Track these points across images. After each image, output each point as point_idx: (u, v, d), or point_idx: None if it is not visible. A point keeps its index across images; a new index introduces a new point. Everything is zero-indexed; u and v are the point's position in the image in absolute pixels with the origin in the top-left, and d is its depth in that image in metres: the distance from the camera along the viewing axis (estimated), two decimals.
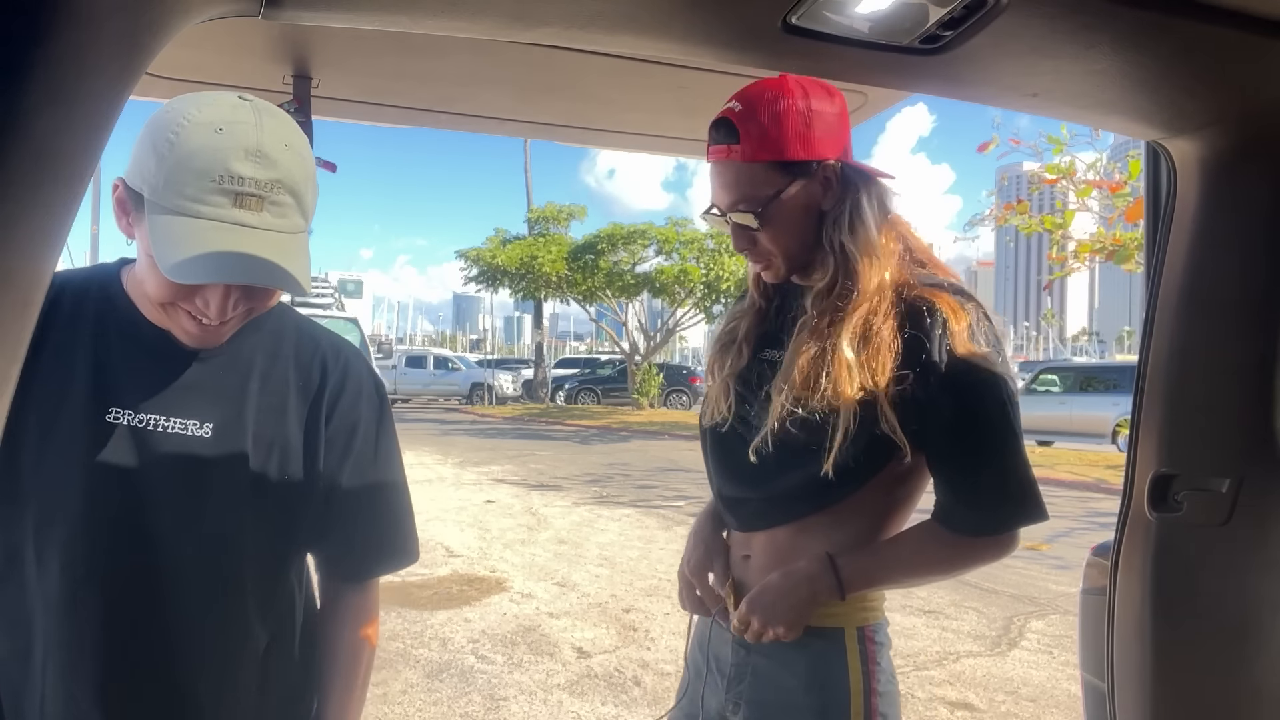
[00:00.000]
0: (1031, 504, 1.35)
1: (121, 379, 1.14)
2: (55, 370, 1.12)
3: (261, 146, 1.01)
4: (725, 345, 1.53)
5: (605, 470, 12.66)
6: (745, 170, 1.35)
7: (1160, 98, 1.13)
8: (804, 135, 1.33)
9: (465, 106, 1.75)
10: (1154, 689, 1.32)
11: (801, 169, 1.36)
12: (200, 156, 0.99)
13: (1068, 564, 7.14)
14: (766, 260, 1.42)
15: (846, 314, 1.32)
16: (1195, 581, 1.30)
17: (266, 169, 1.02)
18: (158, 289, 1.07)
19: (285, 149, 1.03)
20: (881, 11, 0.95)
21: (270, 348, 1.24)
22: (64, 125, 0.63)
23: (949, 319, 1.30)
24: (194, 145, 0.99)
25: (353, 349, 1.34)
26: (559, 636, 5.08)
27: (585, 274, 26.31)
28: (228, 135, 1.00)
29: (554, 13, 0.91)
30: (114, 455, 1.11)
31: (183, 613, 1.14)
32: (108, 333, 1.15)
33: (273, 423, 1.20)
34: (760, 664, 1.43)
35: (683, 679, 1.61)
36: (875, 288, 1.33)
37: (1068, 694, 4.35)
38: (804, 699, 1.39)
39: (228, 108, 1.03)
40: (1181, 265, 1.28)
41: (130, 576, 1.12)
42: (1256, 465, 1.25)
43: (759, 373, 1.44)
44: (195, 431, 1.14)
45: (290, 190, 1.04)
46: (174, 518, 1.12)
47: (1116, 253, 8.50)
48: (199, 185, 0.99)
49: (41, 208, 0.63)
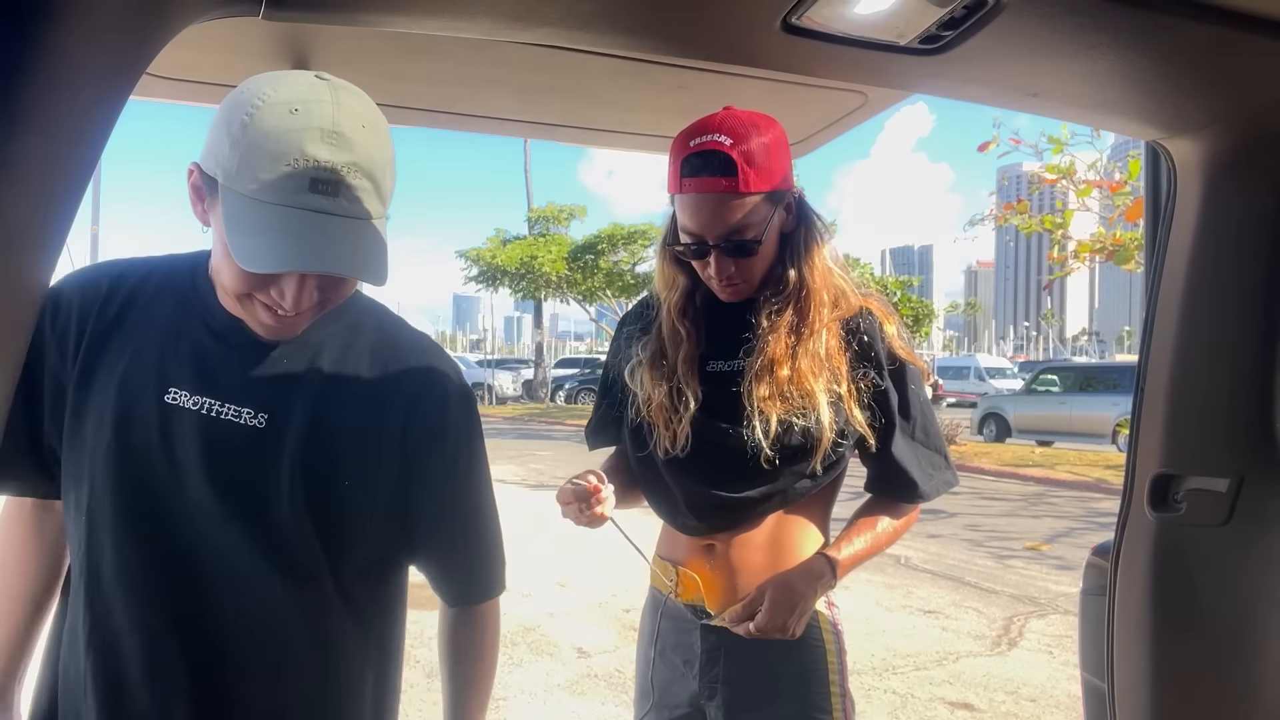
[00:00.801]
0: (952, 470, 1.60)
1: (186, 362, 1.11)
2: (123, 353, 1.11)
3: (338, 127, 0.96)
4: (658, 375, 1.53)
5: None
6: (745, 201, 1.41)
7: (1160, 98, 1.13)
8: (783, 166, 1.45)
9: (465, 106, 1.74)
10: (1154, 689, 1.32)
11: (780, 197, 1.47)
12: (274, 139, 0.94)
13: (1068, 564, 7.15)
14: (742, 283, 1.49)
15: (808, 325, 1.47)
16: (1195, 581, 1.30)
17: (343, 151, 0.96)
18: (233, 279, 1.03)
19: (363, 129, 0.98)
20: (881, 11, 0.95)
21: (344, 340, 1.17)
22: (65, 125, 0.63)
23: (883, 321, 1.53)
24: (268, 127, 0.95)
25: (438, 349, 1.24)
26: (559, 636, 5.09)
27: (585, 274, 26.33)
28: (303, 116, 0.95)
29: (554, 13, 0.91)
30: (164, 436, 1.08)
31: (222, 605, 1.09)
32: (183, 317, 1.13)
33: (333, 420, 1.12)
34: (733, 644, 1.49)
35: (640, 676, 1.65)
36: (826, 300, 1.50)
37: (1068, 694, 4.35)
38: (784, 666, 1.48)
39: (304, 86, 0.98)
40: (1181, 265, 1.28)
41: (170, 562, 1.08)
42: (1256, 465, 1.25)
43: (719, 388, 1.50)
44: (249, 420, 1.09)
45: (367, 173, 0.98)
46: (218, 505, 1.08)
47: (1116, 253, 8.51)
48: (273, 169, 0.94)
49: (42, 208, 0.63)
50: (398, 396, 1.16)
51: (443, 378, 1.21)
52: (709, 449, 1.48)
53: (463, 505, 1.25)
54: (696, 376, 1.51)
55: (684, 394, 1.50)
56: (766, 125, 1.43)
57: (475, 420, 1.25)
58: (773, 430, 1.42)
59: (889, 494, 1.56)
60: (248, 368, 1.12)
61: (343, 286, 1.07)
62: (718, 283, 1.49)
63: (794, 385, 1.43)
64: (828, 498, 1.58)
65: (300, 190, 0.94)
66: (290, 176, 0.94)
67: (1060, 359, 68.66)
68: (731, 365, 1.51)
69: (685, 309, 1.56)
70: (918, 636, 5.24)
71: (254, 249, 0.95)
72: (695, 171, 1.40)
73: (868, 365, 1.49)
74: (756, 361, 1.46)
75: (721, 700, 1.49)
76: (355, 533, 1.15)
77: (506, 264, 26.67)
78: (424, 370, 1.20)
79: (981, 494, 11.07)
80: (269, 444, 1.09)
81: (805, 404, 1.43)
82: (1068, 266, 9.91)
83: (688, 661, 1.55)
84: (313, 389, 1.12)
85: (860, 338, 1.50)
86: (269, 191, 0.95)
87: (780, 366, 1.44)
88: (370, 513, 1.15)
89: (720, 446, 1.47)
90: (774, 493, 1.49)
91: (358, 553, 1.16)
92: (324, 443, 1.11)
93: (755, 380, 1.45)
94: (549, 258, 26.26)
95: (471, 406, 1.25)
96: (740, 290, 1.50)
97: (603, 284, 26.56)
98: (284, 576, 1.10)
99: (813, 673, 1.48)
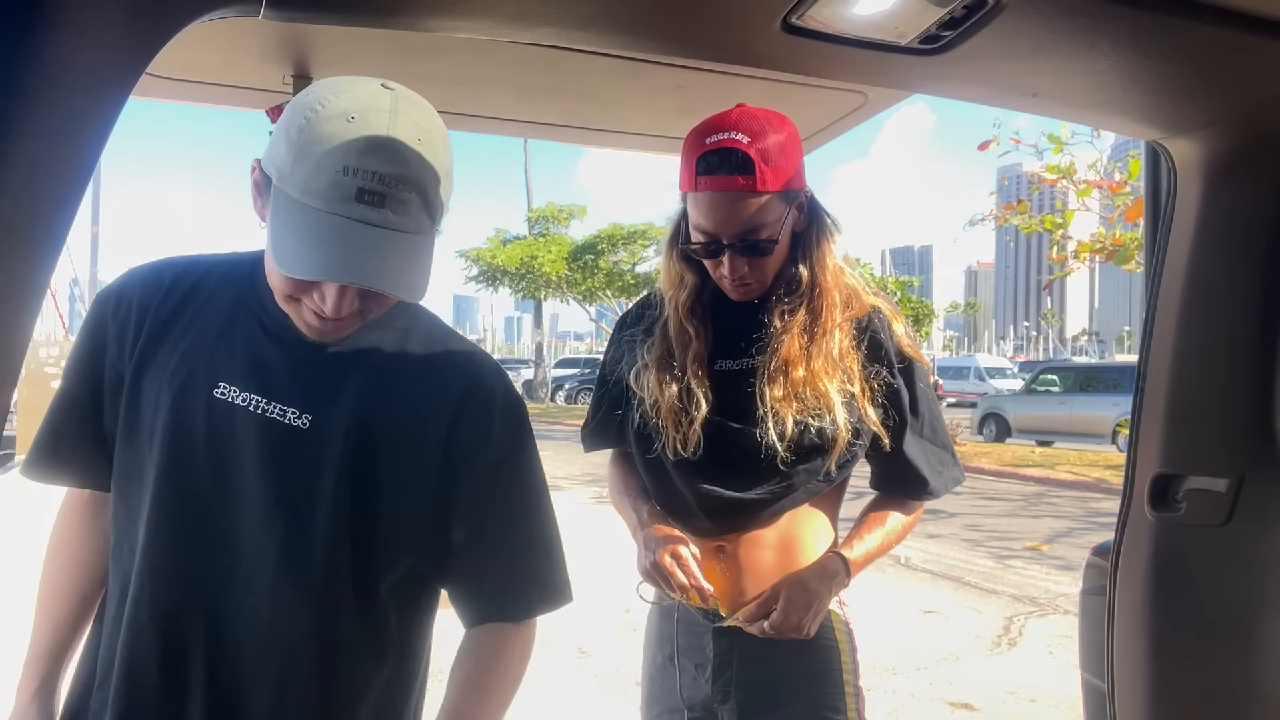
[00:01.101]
0: (959, 467, 1.61)
1: (238, 358, 1.11)
2: (178, 347, 1.12)
3: (393, 138, 0.96)
4: (666, 376, 1.52)
5: (605, 470, 12.66)
6: (761, 201, 1.40)
7: (1160, 98, 1.13)
8: (798, 165, 1.45)
9: (465, 106, 1.75)
10: (1154, 689, 1.32)
11: (795, 196, 1.46)
12: (327, 145, 0.94)
13: (1068, 564, 7.14)
14: (755, 282, 1.49)
15: (821, 325, 1.47)
16: (1195, 581, 1.30)
17: (393, 164, 0.95)
18: (277, 280, 1.04)
19: (419, 142, 0.98)
20: (881, 11, 0.95)
21: (393, 345, 1.16)
22: (65, 125, 0.63)
23: (891, 319, 1.53)
24: (324, 132, 0.95)
25: (487, 358, 1.23)
26: (559, 636, 5.09)
27: (585, 274, 26.32)
28: (359, 124, 0.95)
29: (554, 13, 0.91)
30: (210, 430, 1.09)
31: (243, 603, 1.09)
32: (238, 314, 1.14)
33: (377, 423, 1.11)
34: (745, 646, 1.48)
35: (649, 681, 1.64)
36: (838, 300, 1.49)
37: (1068, 694, 4.35)
38: (798, 666, 1.47)
39: (366, 95, 0.98)
40: (1181, 265, 1.28)
41: (201, 554, 1.09)
42: (1256, 465, 1.25)
43: (729, 388, 1.49)
44: (293, 420, 1.09)
45: (417, 188, 0.97)
46: (255, 500, 1.08)
47: (1116, 253, 8.51)
48: (321, 175, 0.94)
49: (42, 208, 0.63)
50: (443, 402, 1.15)
51: (490, 386, 1.18)
52: (721, 450, 1.48)
53: (503, 516, 1.19)
54: (706, 376, 1.50)
55: (694, 395, 1.48)
56: (780, 123, 1.42)
57: (523, 431, 1.22)
58: (788, 431, 1.42)
59: (898, 491, 1.57)
60: (297, 368, 1.12)
61: (384, 297, 1.06)
62: (730, 282, 1.48)
63: (808, 386, 1.43)
64: (837, 497, 1.58)
65: (346, 199, 0.94)
66: (337, 184, 0.94)
67: (1060, 359, 68.70)
68: (740, 364, 1.50)
69: (694, 308, 1.55)
70: (918, 636, 5.24)
71: (294, 252, 0.96)
72: (712, 169, 1.38)
73: (879, 364, 1.49)
74: (770, 362, 1.45)
75: (735, 704, 1.48)
76: (390, 537, 1.13)
77: (506, 264, 26.67)
78: (471, 378, 1.18)
79: (981, 494, 11.07)
80: (312, 444, 1.09)
81: (820, 404, 1.43)
82: (1068, 266, 9.91)
83: (699, 665, 1.53)
84: (359, 392, 1.12)
85: (870, 336, 1.50)
86: (315, 197, 0.95)
87: (795, 367, 1.44)
88: (407, 517, 1.13)
89: (733, 447, 1.47)
90: (787, 492, 1.48)
91: (389, 560, 1.14)
92: (367, 446, 1.10)
93: (769, 381, 1.44)
94: (549, 258, 26.26)
95: (519, 416, 1.21)
96: (751, 290, 1.49)
97: (603, 284, 26.56)
98: (309, 579, 1.09)
99: (826, 673, 1.48)
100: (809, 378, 1.43)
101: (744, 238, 1.42)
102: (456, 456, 1.14)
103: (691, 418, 1.48)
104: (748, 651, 1.48)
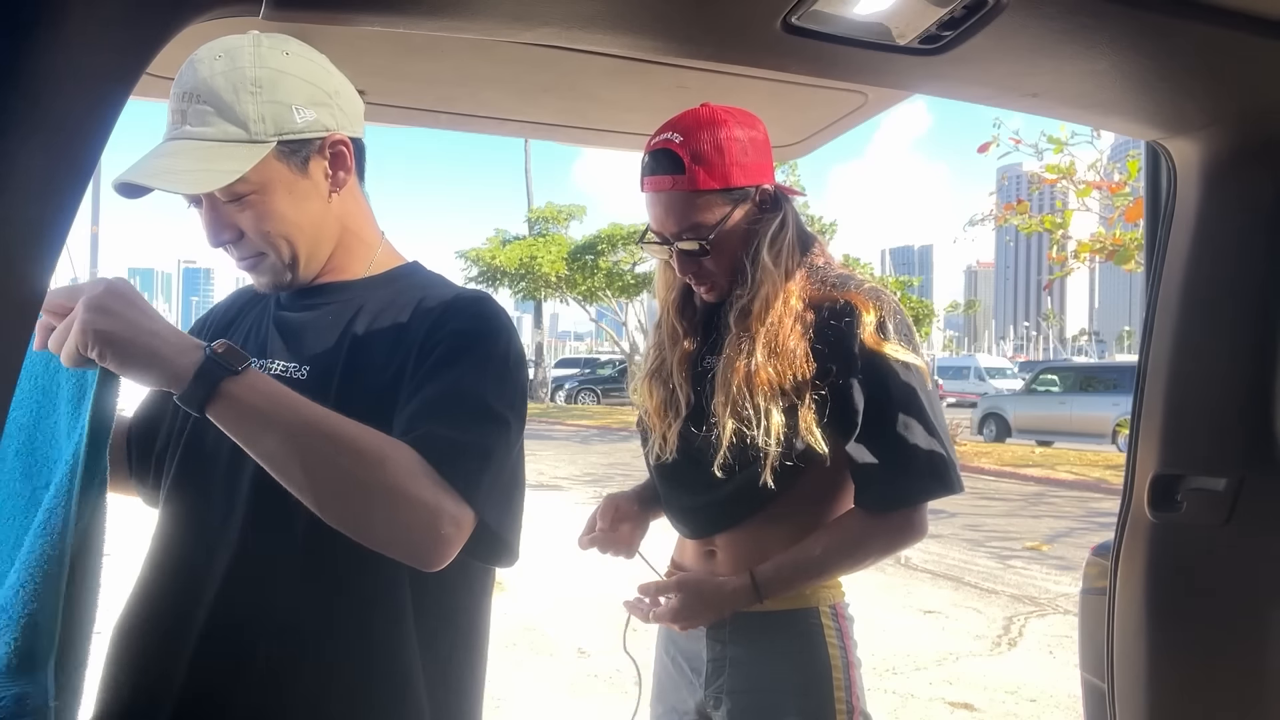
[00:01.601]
0: (940, 477, 1.39)
1: (261, 331, 1.19)
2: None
3: (191, 58, 1.05)
4: (658, 379, 1.55)
5: (605, 470, 12.66)
6: (692, 199, 1.42)
7: (1160, 98, 1.14)
8: (742, 162, 1.42)
9: (465, 106, 1.74)
10: (1154, 689, 1.32)
11: (741, 194, 1.44)
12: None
13: (1068, 564, 7.14)
14: (710, 281, 1.49)
15: (764, 328, 1.41)
16: (1195, 581, 1.30)
17: (183, 82, 1.05)
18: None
19: (217, 59, 1.05)
20: (881, 11, 0.95)
21: (385, 297, 1.16)
22: (65, 124, 0.63)
23: (860, 312, 1.39)
24: None
25: (490, 300, 1.16)
26: (559, 636, 5.08)
27: (585, 274, 26.31)
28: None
29: (554, 13, 0.91)
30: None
31: (265, 562, 1.08)
32: (241, 300, 1.26)
33: (367, 367, 1.10)
34: (738, 654, 1.48)
35: (656, 681, 1.65)
36: (788, 299, 1.42)
37: (1068, 694, 4.35)
38: (788, 679, 1.45)
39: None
40: (1181, 265, 1.28)
41: (223, 522, 1.09)
42: (1256, 465, 1.25)
43: (703, 389, 1.49)
44: (295, 374, 1.11)
45: (210, 99, 1.04)
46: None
47: (1116, 253, 8.50)
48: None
49: (42, 208, 0.63)
50: (423, 324, 1.11)
51: (476, 306, 1.12)
52: (682, 454, 1.49)
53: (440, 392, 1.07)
54: (689, 377, 1.51)
55: (676, 398, 1.50)
56: (733, 121, 1.41)
57: (492, 328, 1.11)
58: (726, 438, 1.39)
59: (855, 500, 1.44)
60: (289, 324, 1.17)
61: (239, 212, 1.08)
62: (690, 282, 1.51)
63: (745, 394, 1.39)
64: (826, 497, 1.48)
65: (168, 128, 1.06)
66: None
67: (1060, 359, 68.68)
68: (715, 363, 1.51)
69: (684, 307, 1.56)
70: (918, 636, 5.24)
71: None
72: (649, 171, 1.44)
73: (834, 363, 1.38)
74: (718, 367, 1.45)
75: (726, 711, 1.48)
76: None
77: (506, 264, 26.66)
78: (462, 304, 1.12)
79: (981, 494, 11.07)
80: (311, 392, 1.06)
81: (754, 415, 1.38)
82: (1068, 266, 9.91)
83: (695, 669, 1.54)
84: (349, 337, 1.13)
85: (831, 334, 1.40)
86: None
87: (736, 374, 1.40)
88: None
89: (689, 452, 1.48)
90: (733, 499, 1.45)
91: None
92: (358, 381, 1.10)
93: (717, 386, 1.43)
94: (549, 258, 26.24)
95: (492, 319, 1.12)
96: (714, 289, 1.50)
97: (602, 284, 26.53)
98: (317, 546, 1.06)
99: (817, 689, 1.44)
100: (747, 386, 1.38)
101: (681, 237, 1.44)
102: (427, 347, 1.09)
103: (667, 423, 1.50)
104: (740, 661, 1.48)
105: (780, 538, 1.46)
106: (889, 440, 1.39)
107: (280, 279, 1.14)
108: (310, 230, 1.13)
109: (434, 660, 1.13)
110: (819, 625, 1.46)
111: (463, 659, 1.17)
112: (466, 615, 1.18)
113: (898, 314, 1.42)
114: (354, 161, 1.16)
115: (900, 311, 1.44)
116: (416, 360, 1.08)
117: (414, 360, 1.08)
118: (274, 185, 1.08)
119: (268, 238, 1.10)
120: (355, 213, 1.19)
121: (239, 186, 1.05)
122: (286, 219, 1.10)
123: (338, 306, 1.16)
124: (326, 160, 1.12)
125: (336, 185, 1.14)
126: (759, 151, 1.45)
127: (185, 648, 1.07)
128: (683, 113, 1.44)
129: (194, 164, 1.03)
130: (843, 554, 1.43)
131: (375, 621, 1.10)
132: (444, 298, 1.14)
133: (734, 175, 1.42)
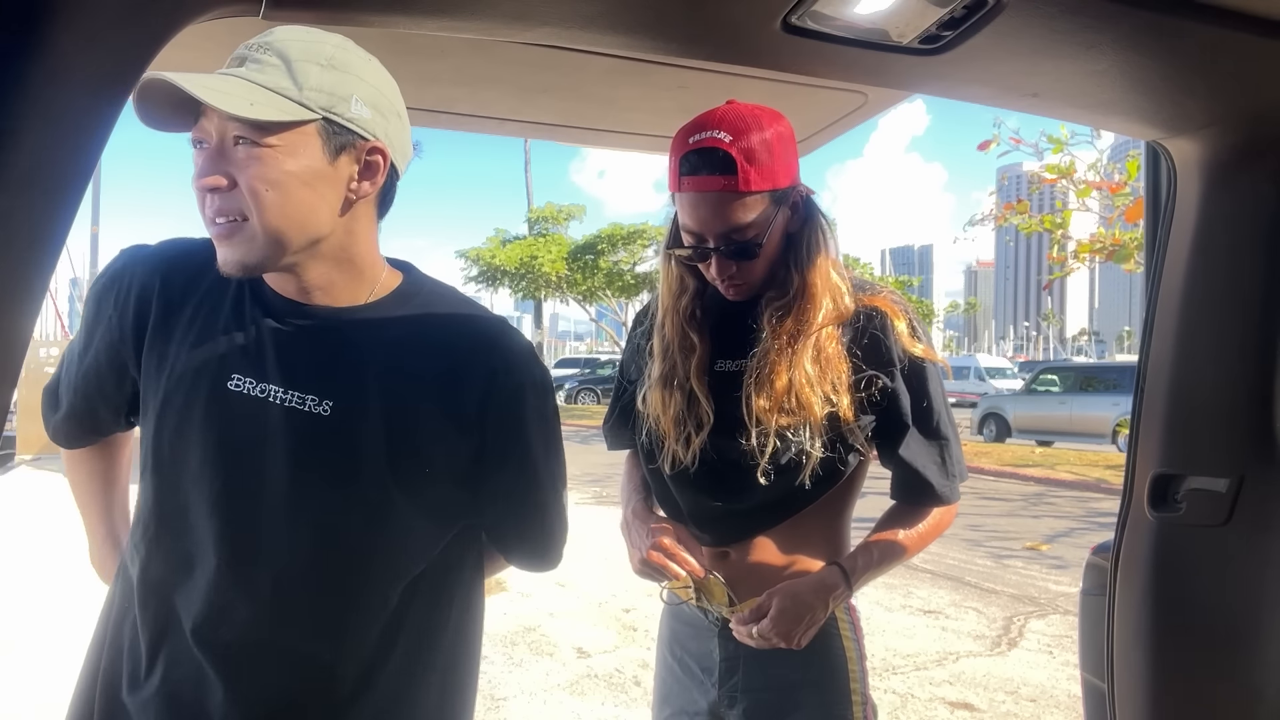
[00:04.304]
0: (965, 469, 1.54)
1: (250, 347, 1.09)
2: (186, 337, 1.11)
3: (274, 29, 1.04)
4: (668, 391, 1.50)
5: (605, 470, 12.65)
6: (743, 200, 1.36)
7: (1160, 98, 1.13)
8: (786, 162, 1.39)
9: (465, 106, 1.74)
10: (1154, 689, 1.32)
11: (783, 195, 1.41)
12: None
13: (1068, 564, 7.14)
14: (744, 282, 1.45)
15: (806, 333, 1.41)
16: (1195, 581, 1.30)
17: (263, 37, 1.03)
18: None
19: (302, 32, 1.04)
20: (881, 11, 0.95)
21: (414, 325, 1.14)
22: (65, 125, 0.63)
23: (893, 319, 1.44)
24: None
25: (514, 333, 1.19)
26: (559, 636, 5.08)
27: (585, 274, 26.33)
28: None
29: (554, 13, 0.91)
30: (226, 423, 1.07)
31: (288, 591, 1.08)
32: (247, 299, 1.12)
33: (401, 405, 1.09)
34: (752, 652, 1.46)
35: (659, 682, 1.63)
36: (829, 303, 1.43)
37: (1068, 694, 4.35)
38: (804, 675, 1.45)
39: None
40: (1181, 265, 1.28)
41: (235, 548, 1.07)
42: (1256, 465, 1.25)
43: (724, 393, 1.46)
44: (314, 408, 1.07)
45: (279, 53, 1.01)
46: (284, 493, 1.07)
47: (1116, 253, 8.51)
48: None
49: (42, 208, 0.63)
50: (473, 376, 1.12)
51: (520, 362, 1.17)
52: (711, 460, 1.46)
53: (531, 501, 1.24)
54: (706, 383, 1.47)
55: (697, 406, 1.46)
56: (770, 120, 1.38)
57: (548, 409, 1.22)
58: (770, 443, 1.39)
59: (909, 499, 1.51)
60: (311, 353, 1.10)
61: (247, 160, 1.00)
62: (720, 283, 1.46)
63: (791, 397, 1.39)
64: (843, 502, 1.52)
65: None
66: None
67: (1060, 359, 68.66)
68: (739, 365, 1.47)
69: (694, 313, 1.51)
70: (918, 636, 5.24)
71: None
72: (694, 169, 1.36)
73: (875, 368, 1.42)
74: (756, 370, 1.42)
75: (742, 710, 1.47)
76: (434, 505, 1.14)
77: (506, 264, 26.68)
78: (502, 353, 1.16)
79: (981, 494, 11.07)
80: (338, 430, 1.07)
81: (801, 417, 1.39)
82: (1068, 266, 9.91)
83: (706, 669, 1.52)
84: (382, 371, 1.10)
85: (867, 339, 1.43)
86: None
87: (779, 377, 1.40)
88: (446, 488, 1.14)
89: (720, 458, 1.45)
90: (771, 504, 1.45)
91: (425, 544, 1.16)
92: (405, 424, 1.09)
93: (755, 390, 1.41)
94: (549, 258, 26.26)
95: (547, 394, 1.21)
96: (743, 289, 1.46)
97: (602, 284, 26.55)
98: (344, 559, 1.09)
99: (833, 680, 1.45)
100: (792, 388, 1.39)
101: (728, 239, 1.38)
102: (490, 441, 1.14)
103: (689, 432, 1.46)
104: (754, 658, 1.46)
105: (797, 539, 1.47)
106: (940, 436, 1.47)
107: (249, 257, 1.03)
108: (307, 221, 1.04)
109: (430, 664, 1.16)
110: (833, 618, 1.46)
111: (454, 662, 1.20)
112: (458, 618, 1.20)
113: (915, 316, 1.50)
114: (383, 181, 1.10)
115: (916, 314, 1.51)
116: (489, 450, 1.14)
117: (485, 434, 1.13)
118: (297, 154, 1.01)
119: (259, 199, 1.00)
120: (363, 238, 1.12)
121: (264, 135, 0.99)
122: (290, 193, 1.01)
123: (355, 332, 1.11)
124: (359, 165, 1.07)
125: (357, 194, 1.08)
126: (793, 151, 1.42)
127: (182, 642, 1.09)
128: (721, 109, 1.38)
129: (235, 89, 0.98)
130: (920, 542, 1.51)
131: (367, 623, 1.12)
132: (475, 334, 1.17)
133: (780, 176, 1.38)
